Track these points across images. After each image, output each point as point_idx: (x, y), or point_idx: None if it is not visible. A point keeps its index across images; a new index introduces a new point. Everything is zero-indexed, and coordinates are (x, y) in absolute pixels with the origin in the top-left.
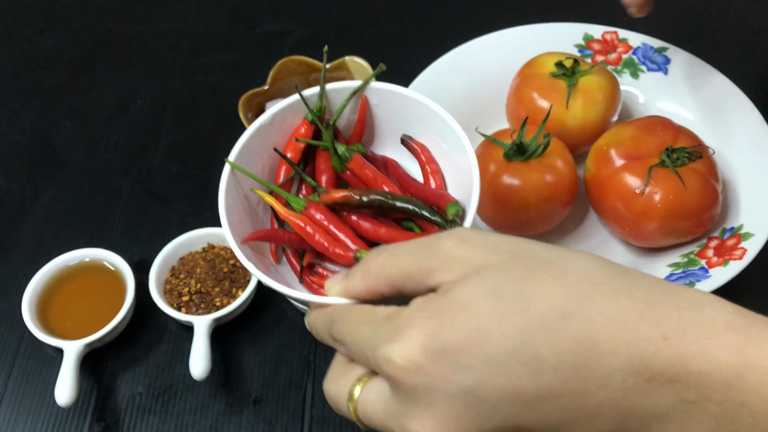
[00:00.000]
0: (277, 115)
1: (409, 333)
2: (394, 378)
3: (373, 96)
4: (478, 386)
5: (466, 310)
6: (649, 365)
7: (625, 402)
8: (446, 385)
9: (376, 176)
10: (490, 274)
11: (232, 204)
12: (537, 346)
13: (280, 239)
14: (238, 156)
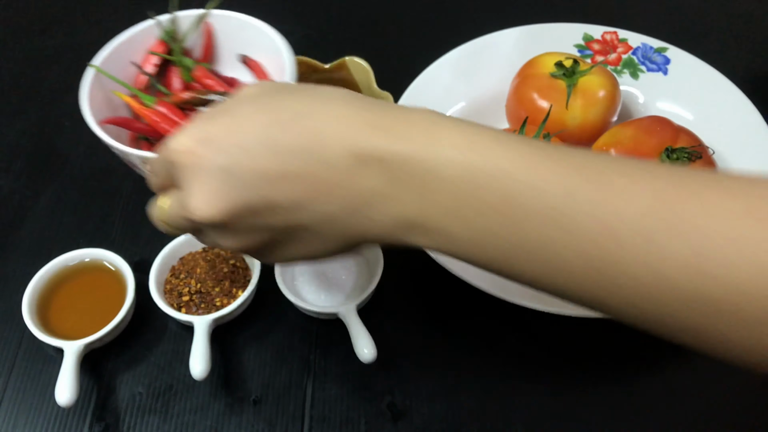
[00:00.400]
0: (136, 36)
1: (187, 128)
2: (173, 162)
3: (216, 22)
4: (232, 165)
5: (228, 112)
6: (363, 149)
7: (348, 181)
8: (208, 164)
9: (217, 83)
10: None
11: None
12: (278, 135)
13: (134, 126)
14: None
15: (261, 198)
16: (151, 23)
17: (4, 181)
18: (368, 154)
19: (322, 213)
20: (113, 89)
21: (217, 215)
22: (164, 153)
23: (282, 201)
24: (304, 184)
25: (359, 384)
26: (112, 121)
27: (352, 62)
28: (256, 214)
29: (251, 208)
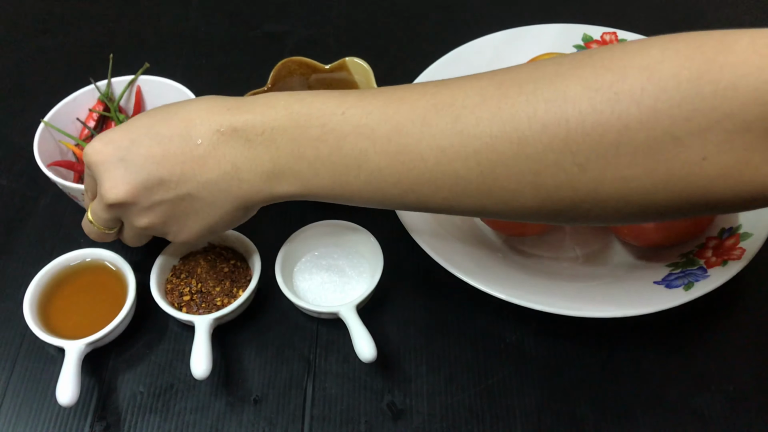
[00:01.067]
0: (79, 97)
1: (96, 138)
2: (88, 164)
3: (144, 85)
4: (127, 155)
5: (126, 122)
6: (221, 125)
7: (216, 152)
8: (110, 158)
9: None
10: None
11: (49, 151)
12: (159, 127)
13: (77, 169)
14: (52, 119)
15: (153, 176)
16: (91, 87)
17: (5, 181)
18: (226, 127)
19: (203, 182)
20: (61, 139)
21: (122, 194)
22: (85, 159)
23: (169, 176)
24: (185, 160)
25: (359, 383)
26: (59, 163)
27: (352, 62)
28: (152, 190)
29: (147, 186)
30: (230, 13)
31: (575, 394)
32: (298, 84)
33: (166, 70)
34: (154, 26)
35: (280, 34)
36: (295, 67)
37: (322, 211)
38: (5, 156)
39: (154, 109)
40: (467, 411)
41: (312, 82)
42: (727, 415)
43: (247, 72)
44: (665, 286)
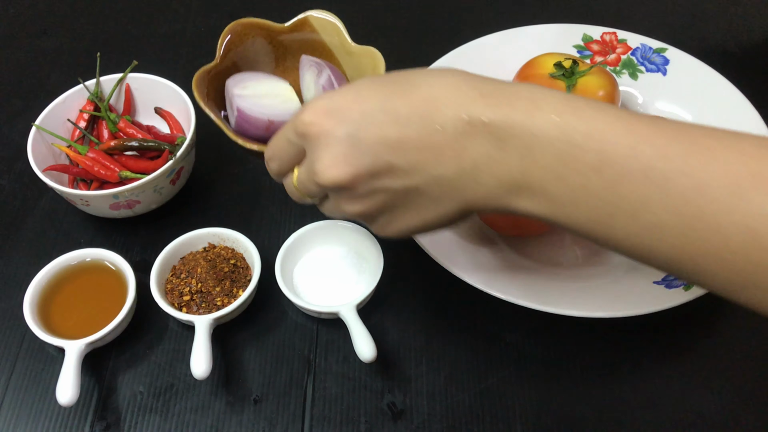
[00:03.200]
0: (69, 97)
1: (314, 101)
2: (304, 133)
3: (133, 83)
4: (357, 131)
5: (353, 87)
6: (472, 114)
7: (458, 144)
8: (336, 132)
9: (136, 132)
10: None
11: (43, 155)
12: (396, 103)
13: (72, 171)
14: (43, 122)
15: (382, 161)
16: (80, 87)
17: (6, 181)
18: (477, 119)
19: (436, 176)
20: (53, 142)
21: (343, 177)
22: (293, 127)
23: (400, 164)
24: (421, 148)
25: (359, 383)
26: (54, 167)
27: (316, 19)
28: (376, 176)
29: (373, 171)
30: (230, 13)
31: (575, 394)
32: (260, 50)
33: (165, 70)
34: (154, 26)
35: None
36: (246, 31)
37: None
38: (5, 156)
39: (387, 76)
40: (467, 411)
41: (271, 47)
42: (727, 415)
43: None
44: (665, 286)
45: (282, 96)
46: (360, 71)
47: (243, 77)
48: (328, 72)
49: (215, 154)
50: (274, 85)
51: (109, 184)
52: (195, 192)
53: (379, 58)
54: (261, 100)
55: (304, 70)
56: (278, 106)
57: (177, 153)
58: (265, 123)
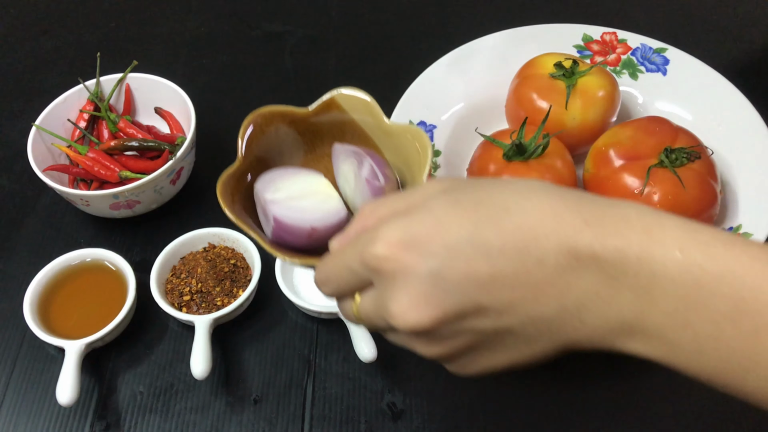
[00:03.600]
0: (69, 98)
1: (386, 230)
2: (377, 269)
3: (133, 83)
4: (441, 268)
5: (430, 212)
6: (575, 246)
7: (560, 280)
8: (417, 269)
9: (136, 132)
10: (450, 189)
11: (43, 155)
12: (486, 233)
13: (72, 171)
14: (43, 122)
15: (471, 302)
16: (80, 87)
17: (6, 181)
18: (584, 252)
19: (533, 316)
20: (53, 142)
21: (424, 321)
22: (360, 259)
23: (492, 304)
24: (517, 285)
25: (359, 383)
26: (54, 168)
27: (344, 97)
28: (463, 318)
29: (459, 313)
30: (230, 13)
31: (576, 394)
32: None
33: (166, 70)
34: (154, 26)
35: (280, 34)
36: (266, 121)
37: None
38: (5, 156)
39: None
40: (467, 411)
41: (301, 132)
42: (728, 414)
43: (247, 72)
44: None
45: (320, 193)
46: (401, 153)
47: (272, 176)
48: (370, 161)
49: (215, 154)
50: (308, 181)
51: (109, 184)
52: (195, 192)
53: (424, 138)
54: (298, 202)
55: (339, 161)
56: (319, 208)
57: (177, 153)
58: (307, 231)
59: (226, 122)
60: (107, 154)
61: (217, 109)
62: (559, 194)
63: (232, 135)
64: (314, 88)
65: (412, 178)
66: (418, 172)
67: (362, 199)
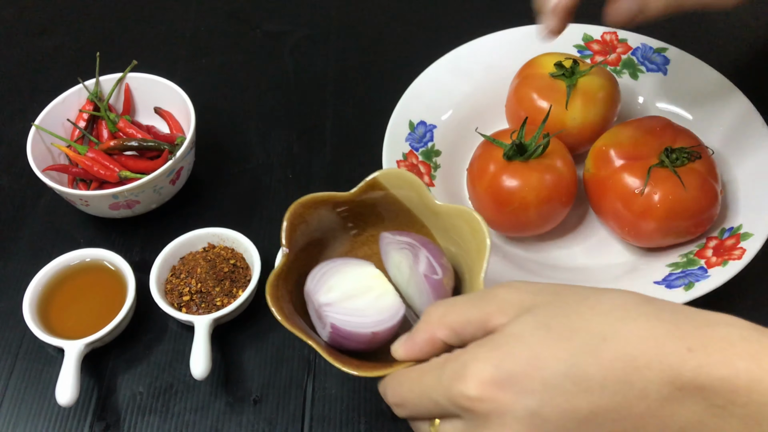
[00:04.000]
0: (68, 97)
1: (477, 366)
2: (469, 408)
3: (132, 82)
4: (541, 407)
5: (521, 342)
6: (679, 375)
7: (664, 411)
8: (514, 409)
9: (136, 132)
10: (537, 311)
11: (42, 155)
12: (585, 366)
13: (71, 171)
14: (43, 122)
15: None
16: (80, 86)
17: (5, 181)
18: (688, 383)
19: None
20: (53, 142)
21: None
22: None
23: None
24: (618, 419)
25: (359, 384)
26: (53, 167)
27: (387, 176)
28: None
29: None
30: (230, 13)
31: None
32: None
33: (165, 70)
34: (154, 26)
35: (280, 34)
36: (306, 210)
37: None
38: (5, 156)
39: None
40: None
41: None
42: None
43: (247, 72)
44: (665, 287)
45: (375, 289)
46: (451, 235)
47: (321, 272)
48: (425, 254)
49: (215, 154)
50: (360, 274)
51: (108, 184)
52: (195, 192)
53: (477, 222)
54: (353, 302)
55: (390, 249)
56: (376, 307)
57: (176, 153)
58: (368, 337)
59: (226, 122)
60: (107, 154)
61: (217, 108)
62: (655, 314)
63: (232, 135)
64: (314, 88)
65: (468, 267)
66: (477, 260)
67: (419, 294)
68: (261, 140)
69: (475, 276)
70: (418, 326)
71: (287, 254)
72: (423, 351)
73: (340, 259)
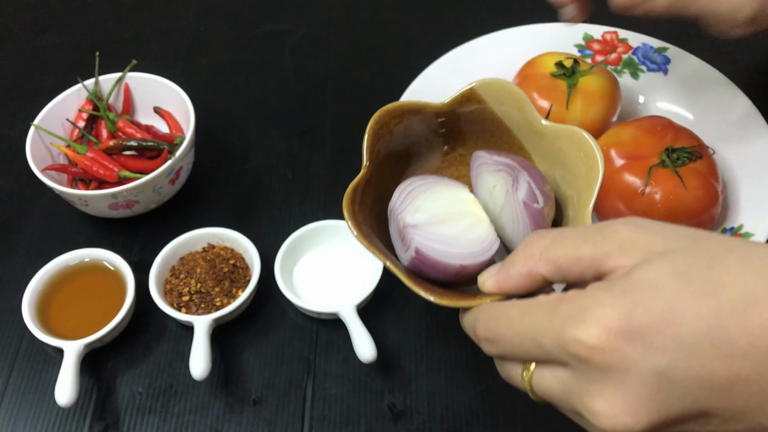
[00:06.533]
0: (68, 97)
1: (602, 312)
2: (584, 358)
3: (132, 82)
4: (671, 368)
5: (656, 292)
6: None
7: None
8: (640, 366)
9: (135, 131)
10: (675, 257)
11: (41, 155)
12: (729, 328)
13: (71, 171)
14: (42, 121)
15: (696, 407)
16: (79, 86)
17: (4, 181)
18: None
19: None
20: (52, 142)
21: (637, 427)
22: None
23: (721, 411)
24: (756, 391)
25: (359, 384)
26: (52, 167)
27: (486, 87)
28: (681, 423)
29: (679, 419)
30: (230, 12)
31: None
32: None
33: (165, 70)
34: (154, 26)
35: (280, 33)
36: (393, 119)
37: (322, 211)
38: (4, 156)
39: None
40: (468, 412)
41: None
42: None
43: (247, 71)
44: None
45: (468, 216)
46: (556, 161)
47: (409, 189)
48: (527, 178)
49: (214, 154)
50: (452, 197)
51: (108, 183)
52: (194, 192)
53: (590, 146)
54: (442, 229)
55: (482, 172)
56: (467, 237)
57: (176, 153)
58: (455, 269)
59: (226, 122)
60: (106, 154)
61: (217, 108)
62: None
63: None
64: (314, 88)
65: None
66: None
67: (514, 224)
68: (261, 140)
69: (582, 208)
70: (515, 257)
71: (367, 166)
72: (518, 286)
73: (431, 176)
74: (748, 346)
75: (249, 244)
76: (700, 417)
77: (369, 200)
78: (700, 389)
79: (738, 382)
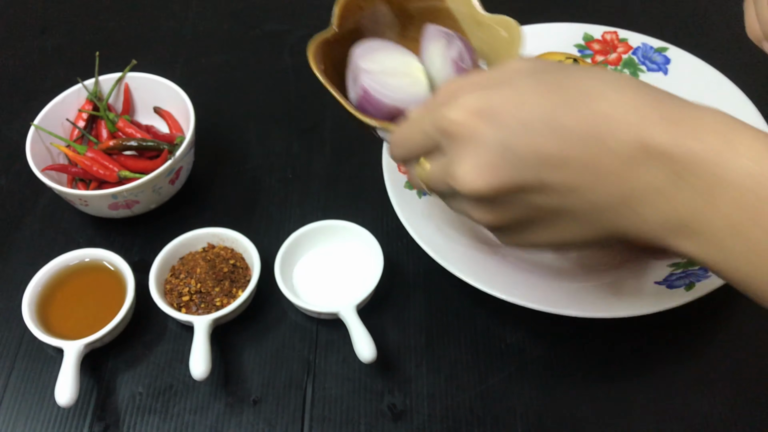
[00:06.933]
0: (68, 97)
1: (465, 97)
2: (449, 132)
3: (132, 82)
4: (512, 141)
5: (511, 85)
6: (650, 140)
7: (628, 172)
8: (487, 137)
9: (135, 131)
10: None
11: (41, 155)
12: (563, 115)
13: (71, 171)
14: (42, 121)
15: (535, 178)
16: (79, 86)
17: (4, 180)
18: (656, 147)
19: (593, 201)
20: (52, 142)
21: (485, 189)
22: (433, 121)
23: (556, 184)
24: (584, 170)
25: (359, 384)
26: (52, 167)
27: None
28: (524, 192)
29: (522, 187)
30: (230, 12)
31: (575, 395)
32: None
33: (165, 70)
34: (154, 26)
35: (280, 33)
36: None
37: (322, 211)
38: (4, 156)
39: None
40: (468, 412)
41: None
42: (729, 415)
43: (247, 72)
44: (666, 287)
45: (411, 76)
46: (491, 45)
47: (371, 47)
48: (459, 44)
49: (214, 154)
50: (403, 60)
51: (107, 183)
52: (194, 192)
53: (516, 30)
54: (388, 79)
55: (428, 41)
56: (406, 90)
57: (176, 153)
58: (389, 109)
59: (226, 122)
60: (106, 154)
61: (217, 108)
62: (645, 90)
63: (232, 135)
64: (314, 88)
65: None
66: None
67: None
68: (261, 140)
69: None
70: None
71: (334, 27)
72: None
73: (394, 44)
74: (578, 131)
75: (249, 244)
76: (540, 189)
77: (329, 61)
78: (535, 162)
79: (568, 159)
